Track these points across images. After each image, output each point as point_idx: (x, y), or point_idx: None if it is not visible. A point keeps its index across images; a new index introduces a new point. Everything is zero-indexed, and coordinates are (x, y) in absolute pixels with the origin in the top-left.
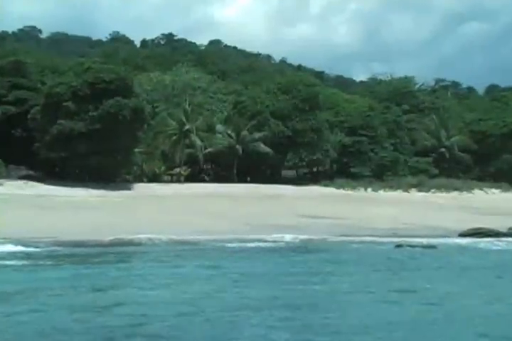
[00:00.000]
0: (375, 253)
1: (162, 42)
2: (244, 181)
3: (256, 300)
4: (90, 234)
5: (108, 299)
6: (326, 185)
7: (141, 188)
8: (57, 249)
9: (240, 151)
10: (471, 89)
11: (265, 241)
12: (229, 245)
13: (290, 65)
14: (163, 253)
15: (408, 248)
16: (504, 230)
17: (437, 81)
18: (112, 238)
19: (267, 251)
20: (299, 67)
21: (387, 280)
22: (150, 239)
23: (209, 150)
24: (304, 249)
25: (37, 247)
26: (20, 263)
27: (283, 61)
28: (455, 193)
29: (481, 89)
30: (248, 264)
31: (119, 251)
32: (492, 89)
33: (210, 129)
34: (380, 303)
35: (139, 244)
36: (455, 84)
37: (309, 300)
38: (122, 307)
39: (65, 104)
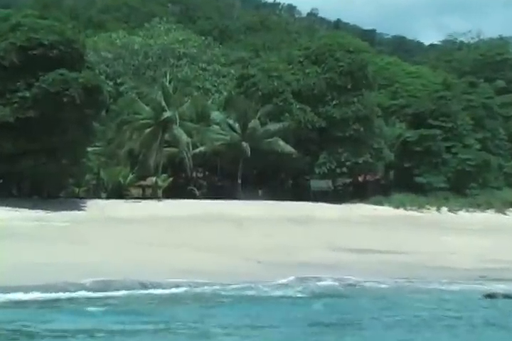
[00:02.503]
0: (455, 309)
1: None
2: (254, 196)
3: None
4: (13, 278)
5: None
6: (377, 203)
7: (98, 207)
8: None
9: (248, 151)
10: None
11: (281, 287)
12: (226, 293)
13: (323, 20)
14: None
15: (504, 300)
16: None
17: None
18: (40, 284)
19: (281, 306)
20: (337, 24)
21: None
22: (104, 284)
23: (201, 149)
24: (344, 303)
25: None
26: None
27: (312, 14)
28: None
29: None
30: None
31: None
32: None
33: (203, 118)
34: None
35: (90, 289)
36: None
37: None
38: None
39: None
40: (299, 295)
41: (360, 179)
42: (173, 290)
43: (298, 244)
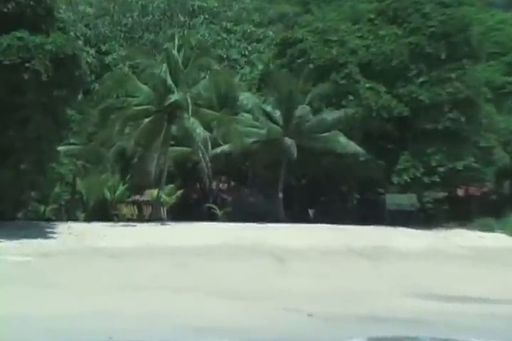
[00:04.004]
0: None
1: None
2: (303, 217)
3: None
4: None
5: None
6: (485, 228)
7: (72, 234)
8: None
9: (294, 151)
10: None
11: None
12: None
13: None
14: None
15: None
16: None
17: None
18: None
19: None
20: None
21: None
22: None
23: (224, 148)
24: None
25: None
26: None
27: None
28: None
29: None
30: None
31: None
32: None
33: (227, 103)
34: None
35: None
36: None
37: None
38: None
39: None
40: None
41: (460, 193)
42: None
43: (366, 289)
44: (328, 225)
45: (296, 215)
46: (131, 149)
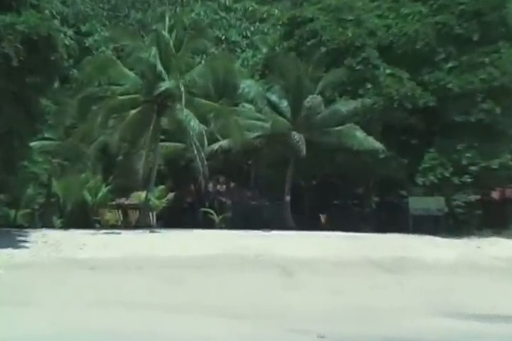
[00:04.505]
0: None
1: None
2: (313, 224)
3: None
4: None
5: None
6: None
7: (48, 243)
8: None
9: (303, 148)
10: None
11: None
12: None
13: None
14: None
15: None
16: None
17: None
18: None
19: None
20: None
21: None
22: None
23: (223, 144)
24: None
25: None
26: None
27: None
28: None
29: None
30: None
31: None
32: None
33: (227, 92)
34: None
35: None
36: None
37: None
38: None
39: None
40: None
41: (496, 195)
42: None
43: (387, 306)
44: (343, 233)
45: (305, 221)
46: (115, 145)
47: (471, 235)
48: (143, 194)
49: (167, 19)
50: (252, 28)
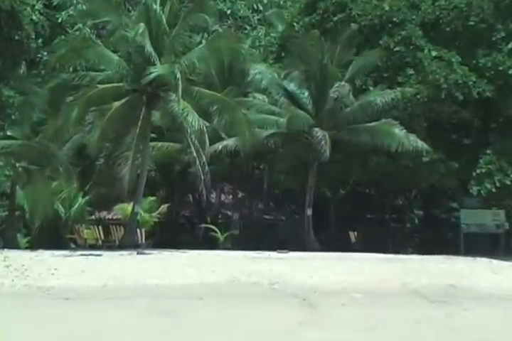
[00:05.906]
0: None
1: None
2: (341, 243)
3: None
4: None
5: None
6: None
7: (11, 267)
8: None
9: (328, 149)
10: None
11: None
12: None
13: None
14: None
15: None
16: None
17: None
18: None
19: None
20: None
21: None
22: None
23: (228, 144)
24: None
25: None
26: None
27: None
28: None
29: None
30: None
31: None
32: None
33: (233, 79)
34: None
35: None
36: None
37: None
38: None
39: None
40: None
41: None
42: None
43: None
44: (378, 254)
45: (331, 240)
46: (94, 145)
47: None
48: (129, 206)
49: None
50: (265, 0)
